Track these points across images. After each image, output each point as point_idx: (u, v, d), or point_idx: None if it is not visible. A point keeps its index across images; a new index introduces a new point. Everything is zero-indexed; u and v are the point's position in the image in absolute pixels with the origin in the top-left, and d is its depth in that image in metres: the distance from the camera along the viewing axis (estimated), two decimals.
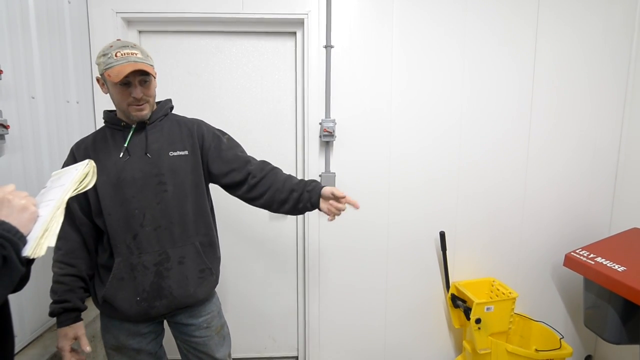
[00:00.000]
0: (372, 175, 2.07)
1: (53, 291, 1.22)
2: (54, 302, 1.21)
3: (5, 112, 1.36)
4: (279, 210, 1.36)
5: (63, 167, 1.29)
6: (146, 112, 1.26)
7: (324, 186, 1.31)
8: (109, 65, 1.17)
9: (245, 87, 2.10)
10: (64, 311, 1.21)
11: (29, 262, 0.78)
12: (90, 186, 0.92)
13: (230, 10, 1.93)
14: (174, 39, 2.05)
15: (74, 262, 1.24)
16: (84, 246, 1.27)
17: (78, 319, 1.23)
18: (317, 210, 1.33)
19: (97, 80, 1.27)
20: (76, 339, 1.21)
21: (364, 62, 1.99)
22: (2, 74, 1.33)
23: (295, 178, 1.37)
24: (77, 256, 1.25)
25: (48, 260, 1.62)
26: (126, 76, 1.16)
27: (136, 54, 1.20)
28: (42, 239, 0.78)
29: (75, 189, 0.89)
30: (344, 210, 1.29)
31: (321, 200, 1.31)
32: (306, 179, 2.04)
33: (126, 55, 1.18)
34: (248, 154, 1.42)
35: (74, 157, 1.27)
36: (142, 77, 1.21)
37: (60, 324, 1.20)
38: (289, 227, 2.21)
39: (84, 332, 1.23)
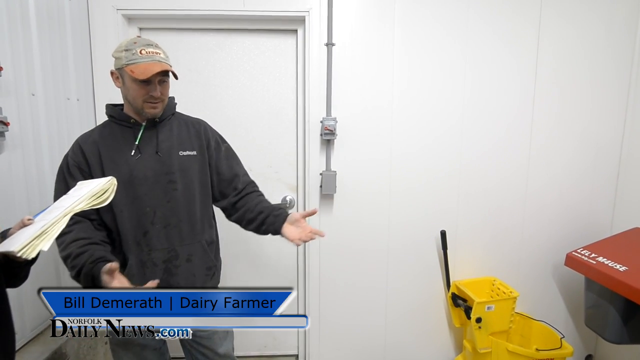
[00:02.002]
0: (373, 173, 2.06)
1: (77, 262, 1.11)
2: (82, 270, 1.10)
3: (5, 109, 1.36)
4: (247, 228, 1.43)
5: (64, 160, 1.26)
6: (159, 110, 1.27)
7: (290, 213, 1.35)
8: (132, 61, 1.17)
9: (246, 85, 2.09)
10: (95, 265, 1.09)
11: (29, 262, 0.78)
12: (106, 203, 0.92)
13: (231, 8, 1.92)
14: (174, 36, 2.04)
15: (89, 235, 1.17)
16: (94, 227, 1.23)
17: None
18: (312, 216, 1.37)
19: (112, 73, 1.26)
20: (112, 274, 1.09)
21: (365, 60, 1.98)
22: (2, 71, 1.33)
23: (269, 203, 1.42)
24: (90, 234, 1.18)
25: (48, 258, 1.63)
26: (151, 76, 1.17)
27: (159, 54, 1.22)
28: (37, 239, 0.77)
29: (89, 203, 0.89)
30: (318, 235, 1.33)
31: (287, 226, 1.33)
32: (306, 180, 2.04)
33: (151, 54, 1.20)
34: (242, 167, 1.47)
35: (81, 151, 1.24)
36: (162, 77, 1.23)
37: (98, 273, 1.08)
38: None
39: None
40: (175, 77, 1.25)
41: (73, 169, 1.23)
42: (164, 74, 1.23)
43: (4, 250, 0.75)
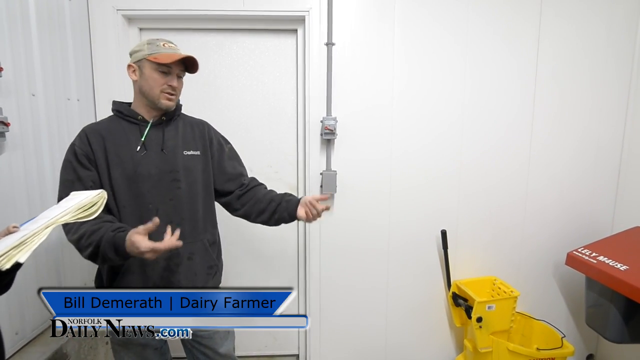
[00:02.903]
0: (374, 173, 2.06)
1: (94, 238, 1.11)
2: (102, 243, 1.10)
3: (5, 109, 1.36)
4: (257, 220, 1.45)
5: (70, 149, 1.25)
6: (173, 103, 1.31)
7: (303, 197, 1.41)
8: (156, 51, 1.24)
9: (246, 85, 2.09)
10: (117, 233, 1.11)
11: (11, 270, 0.75)
12: (93, 217, 0.90)
13: (231, 8, 1.92)
14: (174, 37, 2.01)
15: (102, 219, 1.15)
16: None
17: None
18: (326, 199, 1.42)
19: (129, 67, 1.29)
20: (142, 233, 1.08)
21: (365, 59, 1.98)
22: (2, 72, 1.33)
23: (276, 192, 1.46)
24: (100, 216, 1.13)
25: (48, 257, 1.63)
26: (174, 63, 1.25)
27: (179, 50, 1.31)
28: (14, 250, 0.73)
29: (75, 215, 0.86)
30: (321, 211, 1.35)
31: (301, 208, 1.38)
32: (307, 179, 2.05)
33: (173, 47, 1.30)
34: (244, 167, 1.52)
35: (88, 140, 1.24)
36: (180, 71, 1.30)
37: (122, 245, 1.08)
38: (290, 226, 2.18)
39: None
40: (196, 68, 1.31)
41: (82, 158, 1.22)
42: (182, 69, 1.30)
43: None
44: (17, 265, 0.75)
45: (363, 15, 1.96)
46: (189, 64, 1.31)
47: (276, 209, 1.40)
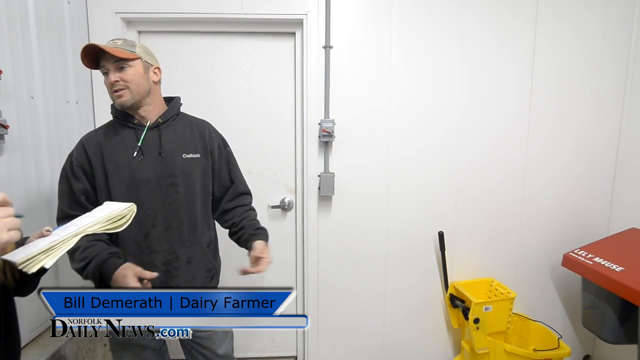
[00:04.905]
0: (371, 175, 2.07)
1: (88, 253, 1.16)
2: (93, 260, 1.15)
3: (4, 112, 1.37)
4: (230, 237, 1.47)
5: (67, 160, 1.27)
6: (125, 98, 1.23)
7: (262, 241, 1.34)
8: None
9: (245, 88, 2.10)
10: (110, 257, 1.17)
11: (39, 272, 0.76)
12: (121, 229, 0.91)
13: (229, 11, 1.93)
14: (173, 39, 2.05)
15: (97, 237, 1.21)
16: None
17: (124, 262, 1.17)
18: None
19: None
20: (136, 275, 1.13)
21: (363, 62, 2.00)
22: (1, 74, 1.33)
23: (252, 219, 1.43)
24: (96, 234, 1.18)
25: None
26: (88, 61, 1.22)
27: (116, 42, 1.24)
28: (42, 254, 0.75)
29: (104, 226, 0.88)
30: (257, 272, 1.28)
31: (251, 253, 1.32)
32: (305, 182, 2.05)
33: (109, 42, 1.24)
34: (239, 173, 1.50)
35: (85, 152, 1.25)
36: (117, 62, 1.21)
37: (111, 270, 1.13)
38: (288, 228, 2.21)
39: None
40: (113, 53, 1.18)
41: (77, 170, 1.24)
42: (118, 59, 1.20)
43: (8, 258, 0.73)
44: (42, 270, 0.75)
45: (361, 18, 1.97)
46: (105, 53, 1.20)
47: (241, 237, 1.39)
